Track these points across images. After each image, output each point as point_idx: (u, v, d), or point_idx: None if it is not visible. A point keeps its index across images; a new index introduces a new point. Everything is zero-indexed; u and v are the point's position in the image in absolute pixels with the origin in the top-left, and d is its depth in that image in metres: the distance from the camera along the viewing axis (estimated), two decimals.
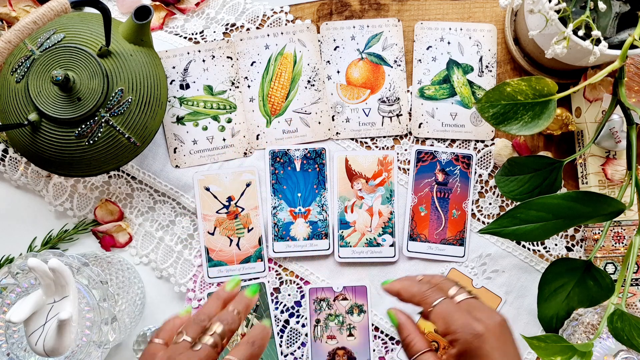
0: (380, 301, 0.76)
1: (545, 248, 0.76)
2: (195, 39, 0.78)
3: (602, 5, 0.61)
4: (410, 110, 0.77)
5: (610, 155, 0.73)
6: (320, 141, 0.77)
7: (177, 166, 0.76)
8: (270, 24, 0.78)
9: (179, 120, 0.76)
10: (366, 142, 0.77)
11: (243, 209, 0.76)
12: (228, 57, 0.77)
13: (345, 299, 0.75)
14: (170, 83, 0.76)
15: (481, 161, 0.77)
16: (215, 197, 0.76)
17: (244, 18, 0.78)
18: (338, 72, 0.77)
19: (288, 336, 0.76)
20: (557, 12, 0.61)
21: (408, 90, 0.77)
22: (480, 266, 0.76)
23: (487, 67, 0.77)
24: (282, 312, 0.76)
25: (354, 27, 0.77)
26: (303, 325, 0.76)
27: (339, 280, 0.76)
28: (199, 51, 0.77)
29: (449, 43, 0.77)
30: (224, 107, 0.77)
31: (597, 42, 0.61)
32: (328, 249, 0.76)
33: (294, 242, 0.76)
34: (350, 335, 0.75)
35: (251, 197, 0.76)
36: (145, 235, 0.77)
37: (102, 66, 0.66)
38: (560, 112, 0.73)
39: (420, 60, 0.77)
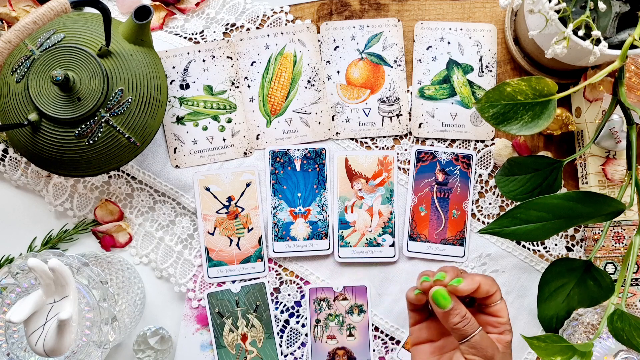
0: (380, 301, 0.76)
1: (545, 248, 0.76)
2: (195, 39, 0.78)
3: (602, 5, 0.61)
4: (410, 110, 0.77)
5: (610, 155, 0.73)
6: (320, 141, 0.77)
7: (177, 166, 0.76)
8: (270, 24, 0.78)
9: (179, 120, 0.76)
10: (366, 142, 0.77)
11: (243, 209, 0.76)
12: (228, 57, 0.77)
13: (345, 299, 0.75)
14: (170, 83, 0.76)
15: (481, 161, 0.77)
16: (215, 197, 0.76)
17: (244, 18, 0.78)
18: (338, 72, 0.77)
19: (288, 336, 0.76)
20: (557, 12, 0.61)
21: (408, 90, 0.77)
22: (480, 266, 0.76)
23: (487, 67, 0.77)
24: (282, 312, 0.76)
25: (354, 27, 0.77)
26: (303, 325, 0.76)
27: (339, 280, 0.76)
28: (199, 51, 0.77)
29: (449, 43, 0.77)
30: (224, 107, 0.77)
31: (597, 42, 0.61)
32: (328, 249, 0.76)
33: (294, 242, 0.76)
34: (350, 335, 0.75)
35: (251, 197, 0.76)
36: (145, 235, 0.77)
37: (102, 66, 0.66)
38: (560, 112, 0.73)
39: (420, 60, 0.77)
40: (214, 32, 0.78)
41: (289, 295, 0.76)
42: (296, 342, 0.76)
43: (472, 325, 0.54)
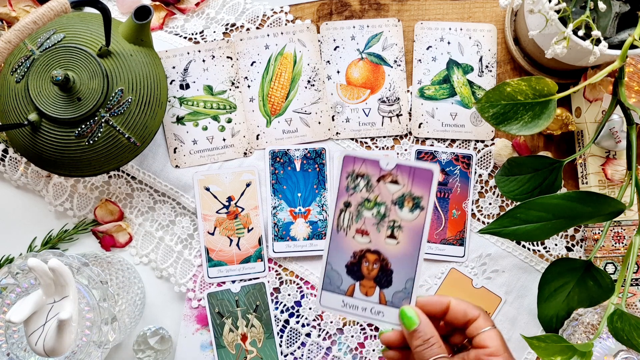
0: None
1: (545, 248, 0.76)
2: (195, 39, 0.78)
3: (602, 5, 0.61)
4: (410, 110, 0.77)
5: (610, 155, 0.73)
6: (320, 141, 0.77)
7: (177, 166, 0.76)
8: (270, 24, 0.78)
9: (179, 120, 0.76)
10: (366, 142, 0.77)
11: (243, 209, 0.76)
12: (228, 57, 0.77)
13: (395, 182, 0.52)
14: (170, 83, 0.76)
15: (481, 161, 0.77)
16: (215, 197, 0.76)
17: (244, 18, 0.78)
18: (338, 72, 0.77)
19: (288, 336, 0.76)
20: (557, 12, 0.61)
21: (408, 90, 0.77)
22: (480, 266, 0.75)
23: (487, 67, 0.77)
24: (282, 312, 0.76)
25: (354, 27, 0.77)
26: (303, 325, 0.76)
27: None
28: (199, 51, 0.77)
29: (449, 43, 0.77)
30: (224, 107, 0.77)
31: (597, 42, 0.61)
32: None
33: (294, 242, 0.76)
34: (392, 237, 0.52)
35: (251, 197, 0.76)
36: (145, 235, 0.77)
37: (102, 66, 0.66)
38: (560, 112, 0.73)
39: (420, 60, 0.77)
40: (214, 32, 0.78)
41: (289, 295, 0.76)
42: (296, 342, 0.76)
43: (432, 350, 0.48)
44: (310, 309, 0.76)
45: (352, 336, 0.75)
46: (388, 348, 0.52)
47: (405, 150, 0.77)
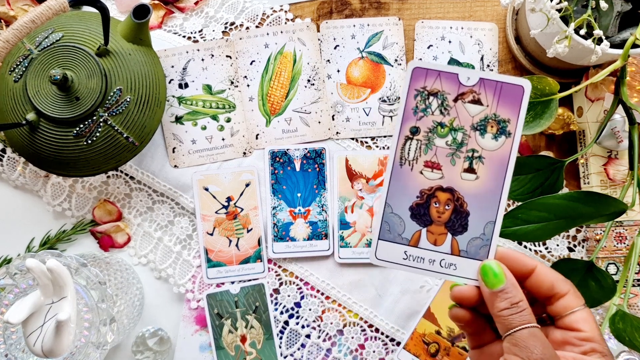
0: (380, 302, 0.75)
1: (547, 248, 0.76)
2: (194, 37, 0.77)
3: (603, 4, 0.60)
4: None
5: (612, 155, 0.72)
6: (320, 141, 0.77)
7: (175, 166, 0.76)
8: (270, 22, 0.77)
9: (178, 119, 0.76)
10: (366, 142, 0.77)
11: (242, 209, 0.76)
12: (227, 56, 0.77)
13: (477, 101, 0.43)
14: (169, 82, 0.76)
15: None
16: (214, 197, 0.75)
17: (244, 17, 0.77)
18: (338, 71, 0.77)
19: (288, 337, 0.75)
20: (559, 11, 0.60)
21: None
22: None
23: (488, 66, 0.76)
24: (281, 313, 0.75)
25: (354, 25, 0.77)
26: (303, 326, 0.75)
27: (339, 281, 0.75)
28: (198, 50, 0.76)
29: (450, 42, 0.76)
30: (223, 106, 0.76)
31: (599, 41, 0.61)
32: (328, 249, 0.75)
33: (294, 243, 0.75)
34: (470, 170, 0.43)
35: (250, 197, 0.76)
36: (144, 235, 0.77)
37: (101, 65, 0.66)
38: (562, 111, 0.73)
39: (421, 59, 0.77)
40: (213, 31, 0.77)
41: (289, 296, 0.75)
42: (296, 343, 0.75)
43: (522, 317, 0.40)
44: (309, 309, 0.75)
45: (352, 337, 0.75)
46: (459, 305, 0.44)
47: None
